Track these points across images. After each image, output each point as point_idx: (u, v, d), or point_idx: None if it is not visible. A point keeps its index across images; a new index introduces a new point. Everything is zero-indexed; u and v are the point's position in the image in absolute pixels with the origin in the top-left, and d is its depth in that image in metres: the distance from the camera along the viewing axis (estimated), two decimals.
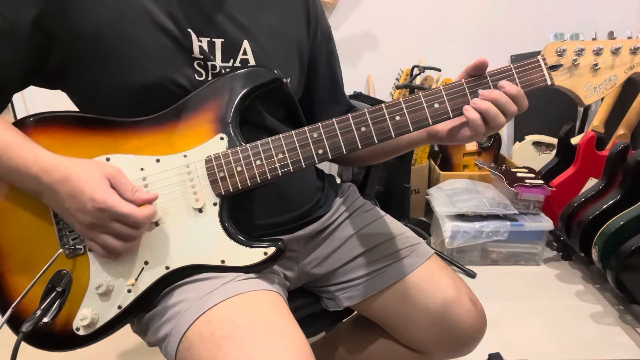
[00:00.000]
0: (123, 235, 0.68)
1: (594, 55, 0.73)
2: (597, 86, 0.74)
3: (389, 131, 0.73)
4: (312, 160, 0.74)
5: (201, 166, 0.73)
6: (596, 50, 0.73)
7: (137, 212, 0.67)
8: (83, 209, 0.66)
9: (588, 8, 2.46)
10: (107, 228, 0.67)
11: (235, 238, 0.74)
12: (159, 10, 0.72)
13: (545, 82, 0.74)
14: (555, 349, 1.54)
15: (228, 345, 0.64)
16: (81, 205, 0.66)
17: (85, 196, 0.65)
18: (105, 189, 0.66)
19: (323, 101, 0.96)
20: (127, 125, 0.74)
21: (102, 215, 0.66)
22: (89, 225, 0.67)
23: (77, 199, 0.66)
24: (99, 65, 0.72)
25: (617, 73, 0.74)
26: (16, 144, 0.68)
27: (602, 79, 0.74)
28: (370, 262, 0.92)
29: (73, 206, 0.67)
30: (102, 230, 0.68)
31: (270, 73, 0.76)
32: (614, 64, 0.73)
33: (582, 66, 0.74)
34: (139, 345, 1.54)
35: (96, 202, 0.65)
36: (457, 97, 0.73)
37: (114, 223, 0.67)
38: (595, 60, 0.73)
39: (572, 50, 0.73)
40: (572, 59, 0.73)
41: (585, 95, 0.75)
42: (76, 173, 0.67)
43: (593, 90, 0.74)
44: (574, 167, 2.04)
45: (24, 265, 0.73)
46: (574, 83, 0.74)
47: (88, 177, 0.66)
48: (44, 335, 0.74)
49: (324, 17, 0.95)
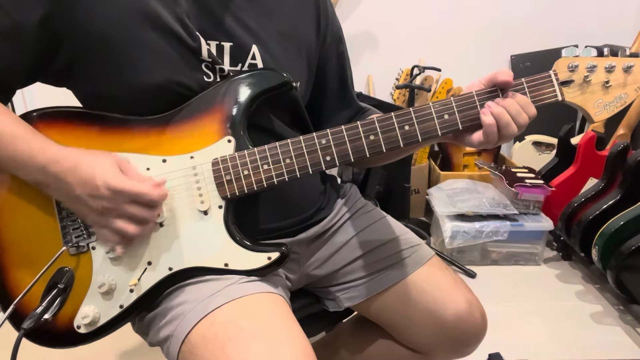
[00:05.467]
0: (138, 218, 0.68)
1: (605, 73, 0.73)
2: (608, 103, 0.74)
3: (397, 141, 0.73)
4: (319, 166, 0.74)
5: (208, 168, 0.73)
6: (608, 68, 0.73)
7: (152, 191, 0.68)
8: (97, 194, 0.66)
9: (588, 9, 2.46)
10: (122, 211, 0.67)
11: (240, 242, 0.74)
12: (167, 13, 0.72)
13: (556, 98, 0.73)
14: (555, 349, 1.55)
15: (231, 347, 0.64)
16: (94, 190, 0.66)
17: (99, 180, 0.65)
18: (118, 173, 0.67)
19: (332, 104, 0.96)
20: (133, 123, 0.74)
21: (118, 197, 0.66)
22: (103, 210, 0.67)
23: (89, 185, 0.66)
24: (105, 66, 0.72)
25: (628, 91, 0.73)
26: (23, 135, 0.67)
27: (613, 97, 0.74)
28: (371, 263, 0.92)
29: (85, 192, 0.66)
30: (117, 214, 0.67)
31: (279, 76, 0.75)
32: (626, 82, 0.73)
33: (593, 83, 0.73)
34: (140, 345, 1.54)
35: (110, 185, 0.65)
36: (468, 109, 0.73)
37: (129, 205, 0.67)
38: (607, 78, 0.73)
39: (584, 67, 0.73)
40: (584, 75, 0.73)
41: (595, 112, 0.74)
42: (86, 160, 0.67)
43: (603, 108, 0.74)
44: (574, 167, 2.04)
45: (27, 261, 0.73)
46: (585, 100, 0.74)
47: (99, 163, 0.67)
48: (45, 332, 0.74)
49: (335, 19, 0.94)
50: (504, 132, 0.71)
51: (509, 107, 0.70)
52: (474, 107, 0.73)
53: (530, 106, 0.72)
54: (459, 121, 0.73)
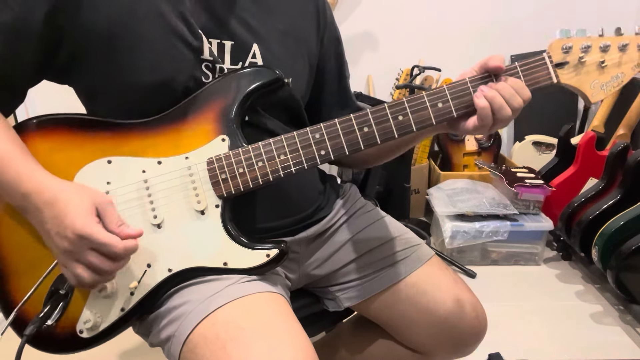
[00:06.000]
0: (95, 268, 0.65)
1: (600, 52, 0.71)
2: (604, 84, 0.73)
3: (391, 131, 0.73)
4: (314, 161, 0.74)
5: (203, 168, 0.73)
6: (603, 47, 0.71)
7: (116, 243, 0.64)
8: (62, 234, 0.64)
9: (588, 9, 2.46)
10: (82, 257, 0.64)
11: (238, 240, 0.74)
12: (170, 10, 0.72)
13: (550, 80, 0.73)
14: (555, 349, 1.55)
15: (232, 347, 0.64)
16: (61, 229, 0.64)
17: (67, 220, 0.63)
18: (87, 217, 0.64)
19: (330, 105, 0.96)
20: (128, 127, 0.74)
21: (80, 242, 0.63)
22: (65, 251, 0.65)
23: (58, 222, 0.64)
24: (106, 63, 0.72)
25: (624, 70, 0.72)
26: (13, 158, 0.67)
27: (609, 77, 0.72)
28: (371, 263, 0.92)
29: (53, 229, 0.65)
30: (76, 258, 0.65)
31: (271, 73, 0.75)
32: (621, 61, 0.72)
33: (588, 63, 0.72)
34: (141, 345, 1.54)
35: (76, 228, 0.63)
36: (461, 96, 0.73)
37: (89, 252, 0.64)
38: (602, 58, 0.72)
39: (578, 47, 0.71)
40: (578, 56, 0.72)
41: (592, 93, 0.73)
42: (64, 196, 0.65)
43: (600, 88, 0.73)
44: (574, 167, 2.04)
45: (28, 268, 0.73)
46: (580, 81, 0.73)
47: (75, 202, 0.65)
48: (47, 338, 0.74)
49: (333, 21, 0.95)
50: (498, 115, 0.71)
51: (502, 89, 0.70)
52: (467, 94, 0.73)
53: (524, 89, 0.71)
54: (453, 108, 0.73)
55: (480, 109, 0.71)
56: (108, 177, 0.73)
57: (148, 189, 0.73)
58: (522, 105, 0.71)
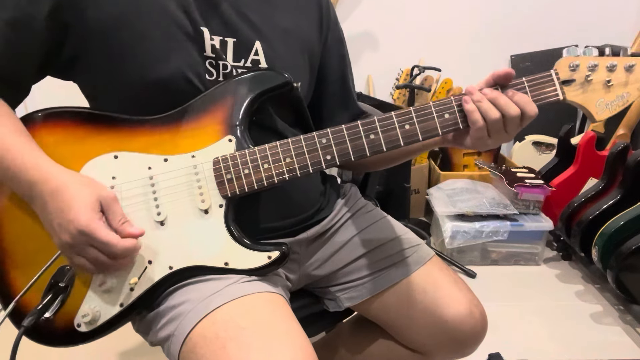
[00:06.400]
0: (98, 262, 0.67)
1: (607, 72, 0.73)
2: (609, 103, 0.74)
3: (397, 140, 0.73)
4: (319, 165, 0.74)
5: (208, 167, 0.73)
6: (610, 67, 0.72)
7: (116, 242, 0.65)
8: (64, 227, 0.64)
9: (588, 9, 2.46)
10: (83, 251, 0.66)
11: (240, 241, 0.74)
12: (174, 7, 0.73)
13: (557, 97, 0.73)
14: (555, 349, 1.55)
15: (232, 347, 0.64)
16: (64, 222, 0.64)
17: (71, 214, 0.64)
18: (90, 213, 0.64)
19: (332, 106, 0.96)
20: (135, 123, 0.74)
21: (81, 238, 0.64)
22: (66, 243, 0.66)
23: (62, 215, 0.64)
24: (110, 59, 0.72)
25: (630, 90, 0.73)
26: (20, 149, 0.67)
27: (615, 96, 0.74)
28: (371, 263, 0.92)
29: (56, 220, 0.65)
30: (78, 252, 0.66)
31: (280, 77, 0.76)
32: (628, 81, 0.73)
33: (595, 82, 0.73)
34: (140, 345, 1.54)
35: (79, 223, 0.63)
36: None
37: (89, 248, 0.65)
38: (609, 77, 0.73)
39: (585, 66, 0.73)
40: (585, 75, 0.73)
41: (597, 111, 0.74)
42: (69, 189, 0.65)
43: (605, 107, 0.74)
44: (574, 167, 2.05)
45: (28, 260, 0.73)
46: (586, 99, 0.74)
47: (79, 196, 0.65)
48: (45, 331, 0.74)
49: (337, 23, 0.95)
50: (488, 120, 0.70)
51: (495, 98, 0.70)
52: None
53: (530, 104, 0.71)
54: (459, 120, 0.73)
55: (469, 113, 0.71)
56: (114, 172, 0.73)
57: (153, 186, 0.73)
58: (518, 114, 0.71)
